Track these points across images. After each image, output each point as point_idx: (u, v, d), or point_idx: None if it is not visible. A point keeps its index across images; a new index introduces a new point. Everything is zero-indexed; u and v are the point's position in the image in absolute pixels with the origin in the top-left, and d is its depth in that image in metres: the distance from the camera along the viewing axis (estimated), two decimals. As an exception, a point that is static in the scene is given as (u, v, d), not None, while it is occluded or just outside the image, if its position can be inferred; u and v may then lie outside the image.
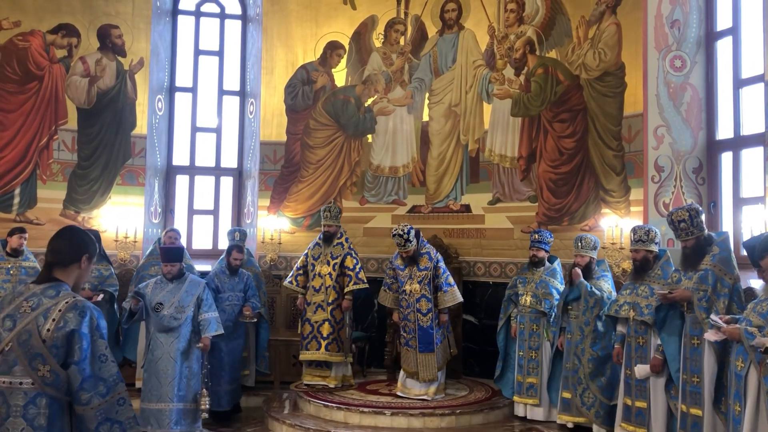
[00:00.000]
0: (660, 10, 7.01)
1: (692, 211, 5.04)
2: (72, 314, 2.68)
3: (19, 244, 6.84)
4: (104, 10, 8.61)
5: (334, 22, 9.24)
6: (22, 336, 2.64)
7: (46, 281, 2.79)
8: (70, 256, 2.87)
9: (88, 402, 2.65)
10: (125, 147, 8.61)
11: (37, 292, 2.74)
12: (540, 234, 6.77)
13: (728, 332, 4.29)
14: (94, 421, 2.66)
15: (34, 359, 2.62)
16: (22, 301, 2.72)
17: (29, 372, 2.62)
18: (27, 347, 2.62)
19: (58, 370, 2.64)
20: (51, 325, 2.65)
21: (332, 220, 7.43)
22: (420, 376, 6.71)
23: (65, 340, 2.65)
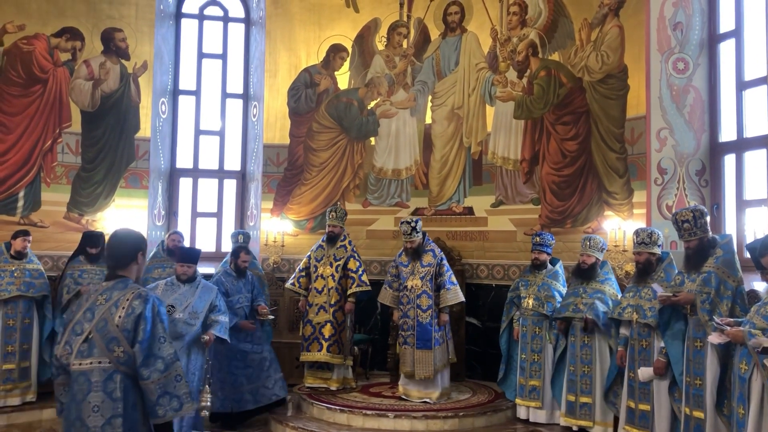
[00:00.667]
0: (663, 12, 7.01)
1: (696, 212, 5.03)
2: (137, 302, 3.17)
3: (23, 246, 6.87)
4: (108, 13, 8.64)
5: (337, 25, 9.26)
6: (99, 324, 3.14)
7: (114, 278, 3.28)
8: (128, 258, 3.33)
9: (149, 377, 3.12)
10: (129, 150, 8.64)
11: (109, 287, 3.24)
12: (541, 237, 6.77)
13: (732, 335, 4.28)
14: (154, 393, 3.12)
15: (110, 342, 3.12)
16: (97, 296, 3.23)
17: (106, 353, 3.11)
18: (104, 332, 3.12)
19: (129, 350, 3.12)
20: (122, 312, 3.14)
21: (337, 221, 7.45)
22: (416, 374, 6.65)
23: (134, 324, 3.13)
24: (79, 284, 7.06)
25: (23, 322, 6.76)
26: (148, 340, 3.13)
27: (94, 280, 7.10)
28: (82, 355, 3.14)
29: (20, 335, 6.72)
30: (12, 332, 6.67)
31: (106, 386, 3.11)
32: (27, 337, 6.78)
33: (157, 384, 3.13)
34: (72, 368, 3.16)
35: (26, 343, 6.78)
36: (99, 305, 3.18)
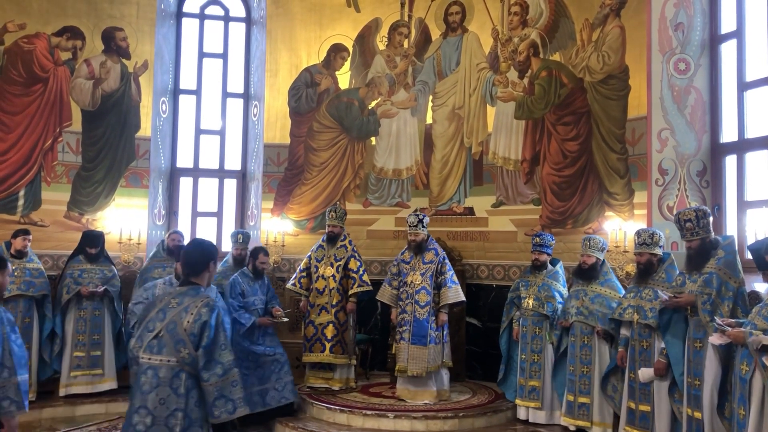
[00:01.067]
0: (664, 13, 7.00)
1: (699, 212, 5.03)
2: (205, 310, 3.45)
3: (24, 245, 6.87)
4: (109, 12, 8.64)
5: (337, 24, 9.25)
6: (169, 325, 3.43)
7: (187, 284, 3.60)
8: (201, 266, 3.63)
9: (208, 379, 3.40)
10: (129, 149, 8.63)
11: (182, 292, 3.55)
12: (541, 237, 6.76)
13: (733, 336, 4.28)
14: (212, 395, 3.39)
15: (178, 343, 3.40)
16: (170, 299, 3.53)
17: (174, 353, 3.40)
18: (173, 334, 3.41)
19: (193, 353, 3.40)
20: (190, 317, 3.43)
21: (337, 221, 7.45)
22: (409, 370, 6.62)
23: (200, 330, 3.41)
24: (79, 284, 7.06)
25: (23, 321, 6.75)
26: (210, 345, 3.41)
27: (93, 280, 7.11)
28: (152, 350, 3.44)
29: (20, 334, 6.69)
30: (12, 331, 6.66)
31: (172, 382, 3.40)
32: (27, 337, 6.76)
33: (215, 387, 3.41)
34: (141, 360, 3.47)
35: (26, 342, 6.73)
36: (171, 308, 3.49)
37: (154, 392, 3.38)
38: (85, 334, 7.12)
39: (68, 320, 7.10)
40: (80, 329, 7.11)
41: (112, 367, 7.25)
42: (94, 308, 7.17)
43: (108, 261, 7.41)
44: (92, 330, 7.16)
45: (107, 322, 7.24)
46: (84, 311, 7.15)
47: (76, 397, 6.98)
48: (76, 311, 7.12)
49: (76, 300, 7.10)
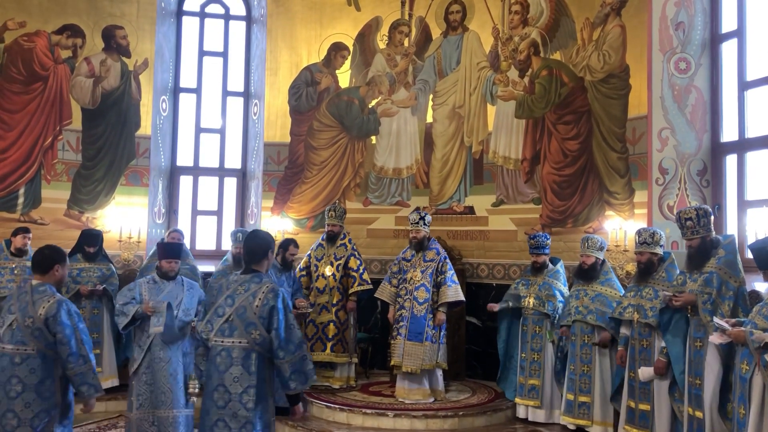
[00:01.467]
0: (665, 12, 7.00)
1: (700, 211, 5.03)
2: (271, 295, 3.82)
3: (23, 243, 6.86)
4: (109, 11, 8.63)
5: (338, 23, 9.25)
6: (239, 310, 3.80)
7: (250, 272, 3.93)
8: (260, 255, 3.97)
9: (283, 357, 3.78)
10: (129, 147, 8.63)
11: (247, 280, 3.90)
12: (536, 239, 6.69)
13: (733, 335, 4.27)
14: (288, 371, 3.79)
15: (249, 326, 3.78)
16: (237, 286, 3.89)
17: (245, 335, 3.77)
18: (243, 318, 3.78)
19: (264, 334, 3.78)
20: (258, 302, 3.80)
21: (336, 220, 7.45)
22: (404, 365, 6.61)
23: (268, 313, 3.78)
24: (78, 283, 7.04)
25: (23, 319, 6.75)
26: (282, 327, 3.79)
27: (92, 279, 7.10)
28: (224, 333, 3.82)
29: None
30: (12, 329, 6.66)
31: (244, 362, 3.77)
32: (27, 335, 6.77)
33: (289, 363, 3.79)
34: (213, 343, 3.84)
35: (26, 340, 6.76)
36: (239, 294, 3.86)
37: (228, 371, 3.77)
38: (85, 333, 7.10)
39: (67, 319, 7.09)
40: (80, 328, 7.10)
41: (112, 365, 7.25)
42: (92, 307, 7.16)
43: (106, 259, 7.40)
44: (91, 329, 7.08)
45: (106, 321, 7.23)
46: (83, 310, 7.12)
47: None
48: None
49: (75, 299, 7.08)
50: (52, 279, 4.16)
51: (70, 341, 4.02)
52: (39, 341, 3.98)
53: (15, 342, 3.98)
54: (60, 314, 4.01)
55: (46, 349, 3.99)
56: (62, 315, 4.02)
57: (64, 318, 4.01)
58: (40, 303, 4.01)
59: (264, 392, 3.82)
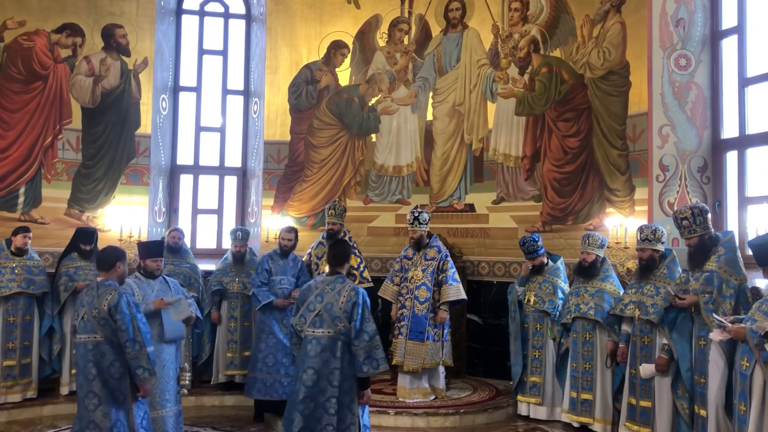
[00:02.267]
0: (665, 8, 6.99)
1: (695, 210, 5.04)
2: (353, 293, 4.56)
3: (24, 243, 6.85)
4: (109, 9, 8.63)
5: (338, 21, 9.24)
6: (327, 306, 4.55)
7: (334, 274, 4.71)
8: (343, 259, 4.79)
9: (359, 344, 4.48)
10: (129, 146, 8.63)
11: (332, 281, 4.67)
12: (527, 245, 6.61)
13: (733, 332, 4.28)
14: (361, 356, 4.47)
15: (335, 319, 4.52)
16: (325, 286, 4.64)
17: (332, 326, 4.52)
18: (330, 312, 4.53)
19: (347, 325, 4.49)
20: (343, 299, 4.55)
21: (336, 218, 7.43)
22: (405, 365, 6.63)
23: (351, 308, 4.52)
24: (75, 281, 7.00)
25: (24, 318, 6.75)
26: (360, 320, 4.49)
27: (89, 277, 7.05)
28: (315, 325, 4.55)
29: (21, 332, 6.71)
30: (13, 329, 6.67)
31: (331, 348, 4.49)
32: (28, 334, 6.78)
33: (363, 350, 4.47)
34: (305, 334, 4.57)
35: (27, 339, 6.77)
36: (326, 292, 4.61)
37: (318, 356, 4.48)
38: (84, 332, 7.10)
39: (66, 319, 7.05)
40: (79, 327, 7.10)
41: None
42: (92, 306, 7.15)
43: None
44: (91, 328, 7.14)
45: (106, 320, 7.22)
46: (80, 308, 7.12)
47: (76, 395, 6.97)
48: (73, 309, 7.09)
49: (73, 298, 7.07)
50: (115, 274, 4.67)
51: (128, 328, 4.40)
52: (105, 329, 4.42)
53: (87, 331, 4.45)
54: (120, 304, 4.44)
55: (112, 336, 4.42)
56: (122, 305, 4.45)
57: (123, 308, 4.44)
58: (104, 296, 4.46)
59: (346, 373, 4.50)
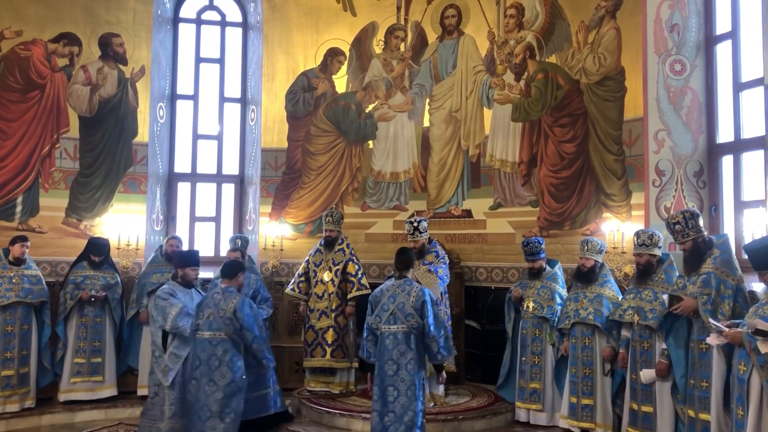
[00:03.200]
0: (659, 14, 7.03)
1: (686, 214, 5.08)
2: (421, 293, 5.21)
3: (22, 252, 6.86)
4: (105, 18, 8.65)
5: (334, 28, 9.27)
6: (399, 305, 5.18)
7: (402, 278, 5.32)
8: (408, 265, 5.42)
9: (433, 337, 5.15)
10: (127, 155, 8.64)
11: (401, 284, 5.29)
12: (530, 246, 6.65)
13: (730, 336, 4.29)
14: (436, 347, 5.18)
15: (407, 316, 5.16)
16: (395, 289, 5.27)
17: (405, 323, 5.15)
18: (403, 311, 5.17)
19: (419, 321, 5.14)
20: (413, 299, 5.19)
21: (333, 226, 7.45)
22: None
23: (420, 306, 5.15)
24: (82, 289, 7.04)
25: (22, 328, 6.75)
26: (432, 316, 5.16)
27: (96, 287, 7.10)
28: (390, 323, 5.18)
29: (19, 341, 6.70)
30: (11, 338, 6.66)
31: (406, 341, 5.14)
32: (26, 343, 6.77)
33: (437, 341, 5.16)
34: (381, 331, 5.22)
35: (25, 349, 6.77)
36: (398, 294, 5.23)
37: (395, 348, 5.14)
38: (86, 340, 7.11)
39: (70, 326, 7.08)
40: (81, 335, 7.10)
41: (112, 374, 7.23)
42: (95, 315, 7.17)
43: (112, 268, 7.41)
44: (93, 337, 7.15)
45: (108, 330, 7.23)
46: (85, 318, 7.14)
47: (75, 404, 6.97)
48: (78, 317, 7.12)
49: (78, 306, 7.09)
50: (236, 283, 5.70)
51: (253, 326, 5.47)
52: (228, 328, 5.40)
53: (212, 329, 5.40)
54: (244, 307, 5.46)
55: (233, 334, 5.42)
56: (245, 308, 5.47)
57: (246, 310, 5.47)
58: (229, 300, 5.47)
59: (419, 361, 5.16)
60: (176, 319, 5.54)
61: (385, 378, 5.15)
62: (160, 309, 5.59)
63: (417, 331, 5.16)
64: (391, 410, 5.09)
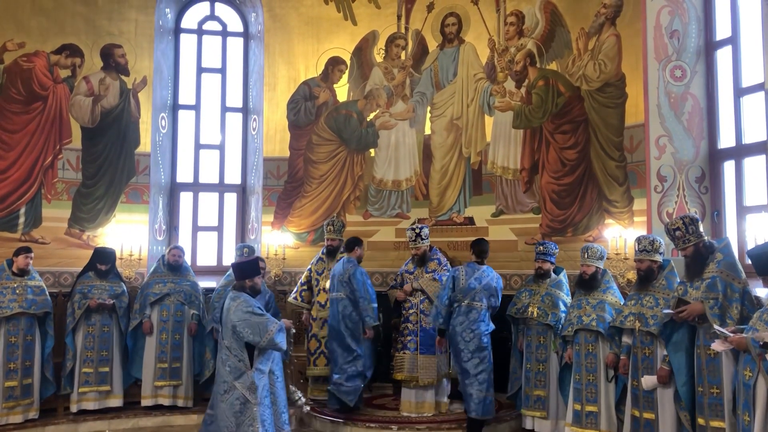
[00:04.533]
0: (659, 20, 7.05)
1: (686, 219, 5.06)
2: (493, 275, 6.48)
3: (26, 263, 6.86)
4: (107, 30, 8.69)
5: (335, 38, 9.30)
6: (485, 286, 6.33)
7: (482, 265, 6.49)
8: (486, 254, 6.56)
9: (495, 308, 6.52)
10: (129, 165, 8.66)
11: (481, 269, 6.41)
12: (545, 246, 6.74)
13: (735, 342, 4.27)
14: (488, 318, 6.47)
15: (491, 296, 6.38)
16: (475, 272, 6.37)
17: (485, 300, 6.36)
18: (487, 289, 6.36)
19: (490, 302, 6.38)
20: (492, 281, 6.35)
21: (335, 234, 7.46)
22: (420, 380, 6.66)
23: (496, 286, 6.43)
24: (89, 299, 7.07)
25: (25, 339, 6.74)
26: (500, 295, 6.44)
27: (103, 296, 7.12)
28: (473, 299, 6.31)
29: (22, 352, 6.70)
30: (14, 349, 6.65)
31: (479, 318, 6.30)
32: (29, 354, 6.76)
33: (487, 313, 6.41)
34: (462, 305, 6.31)
35: (28, 360, 6.76)
36: (482, 277, 6.37)
37: (468, 319, 6.29)
38: (94, 350, 7.11)
39: (77, 336, 7.10)
40: (89, 345, 7.10)
41: (119, 384, 7.24)
42: (102, 324, 7.18)
43: (118, 278, 7.42)
44: (101, 346, 7.16)
45: (116, 339, 7.24)
46: (92, 327, 7.14)
47: (79, 415, 6.97)
48: (85, 327, 7.12)
49: (85, 316, 7.10)
50: (355, 255, 6.92)
51: (361, 289, 6.70)
52: (346, 289, 6.74)
53: (336, 291, 6.81)
54: (356, 274, 6.75)
55: (350, 294, 6.71)
56: (358, 275, 6.75)
57: (359, 276, 6.74)
58: (347, 267, 6.78)
59: (484, 331, 6.37)
60: (276, 336, 5.10)
61: (463, 351, 6.28)
62: (255, 325, 5.07)
63: (492, 310, 6.46)
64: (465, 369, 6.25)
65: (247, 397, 5.06)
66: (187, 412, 7.27)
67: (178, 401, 7.31)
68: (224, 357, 5.15)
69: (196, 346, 7.49)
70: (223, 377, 5.13)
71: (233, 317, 5.07)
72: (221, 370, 5.18)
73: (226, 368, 5.11)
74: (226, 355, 5.12)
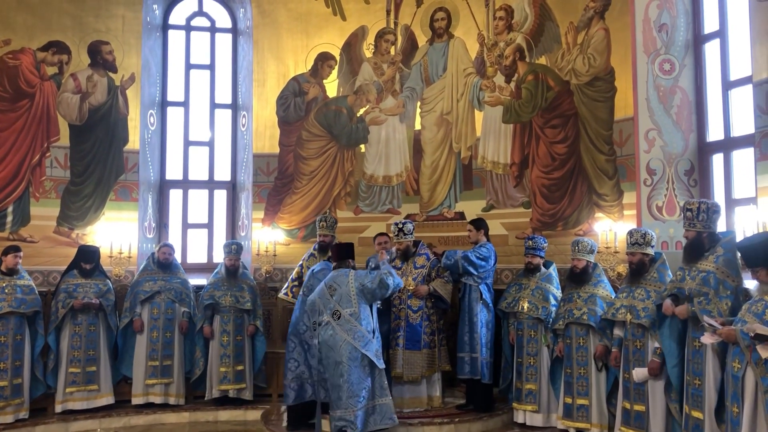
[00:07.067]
0: (647, 14, 7.07)
1: (703, 205, 5.03)
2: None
3: (15, 263, 6.82)
4: (94, 26, 8.62)
5: (324, 33, 9.27)
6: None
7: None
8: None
9: None
10: (118, 162, 8.60)
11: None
12: (534, 240, 6.76)
13: (724, 334, 4.30)
14: None
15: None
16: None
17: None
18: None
19: None
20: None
21: (328, 230, 7.44)
22: (404, 375, 6.63)
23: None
24: (74, 298, 7.01)
25: (15, 338, 6.70)
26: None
27: (88, 294, 7.08)
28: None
29: (12, 352, 6.66)
30: (4, 349, 6.61)
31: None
32: (19, 354, 6.73)
33: None
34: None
35: (18, 359, 6.72)
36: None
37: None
38: (80, 349, 7.07)
39: (63, 336, 7.05)
40: (75, 345, 7.06)
41: (108, 383, 7.20)
42: (89, 323, 7.13)
43: (103, 275, 7.38)
44: (87, 345, 7.11)
45: (102, 338, 7.19)
46: (79, 327, 7.10)
47: (69, 414, 6.93)
48: (71, 326, 7.08)
49: (71, 315, 7.06)
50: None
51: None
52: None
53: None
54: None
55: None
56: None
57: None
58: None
59: None
60: (394, 277, 6.07)
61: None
62: (379, 279, 5.95)
63: None
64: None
65: (374, 361, 5.88)
66: (178, 409, 7.26)
67: (170, 399, 7.30)
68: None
69: (187, 344, 7.47)
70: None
71: (366, 282, 5.97)
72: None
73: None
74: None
